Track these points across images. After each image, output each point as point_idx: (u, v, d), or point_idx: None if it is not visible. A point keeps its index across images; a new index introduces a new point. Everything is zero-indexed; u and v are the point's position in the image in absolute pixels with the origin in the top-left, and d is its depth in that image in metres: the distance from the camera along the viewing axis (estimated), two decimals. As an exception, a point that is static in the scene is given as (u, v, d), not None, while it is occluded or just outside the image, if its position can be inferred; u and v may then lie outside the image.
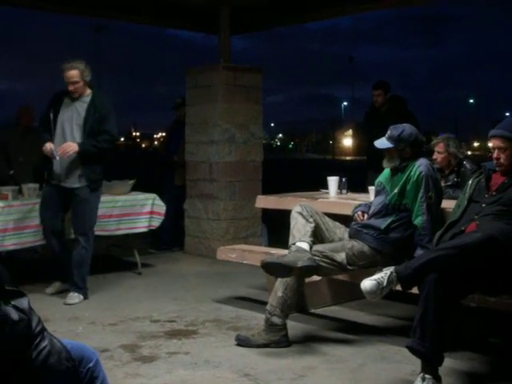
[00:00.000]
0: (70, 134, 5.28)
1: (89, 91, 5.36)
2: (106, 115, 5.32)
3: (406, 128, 4.27)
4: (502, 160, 3.70)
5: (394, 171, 4.29)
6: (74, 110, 5.31)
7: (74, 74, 5.22)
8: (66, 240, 5.55)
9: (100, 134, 5.28)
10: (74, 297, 5.27)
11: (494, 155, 3.71)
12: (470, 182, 3.89)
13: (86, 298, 5.34)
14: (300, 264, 3.91)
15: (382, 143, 4.30)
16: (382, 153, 4.40)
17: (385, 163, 4.34)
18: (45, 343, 1.90)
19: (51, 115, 5.30)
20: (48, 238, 5.44)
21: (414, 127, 4.36)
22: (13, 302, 1.85)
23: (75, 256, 5.34)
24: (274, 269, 4.01)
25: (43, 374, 1.90)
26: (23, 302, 1.88)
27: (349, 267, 4.15)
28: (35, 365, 1.88)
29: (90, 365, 2.12)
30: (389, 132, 4.29)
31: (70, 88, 5.25)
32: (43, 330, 1.93)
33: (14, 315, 1.82)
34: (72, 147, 5.18)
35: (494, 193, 3.72)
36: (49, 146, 5.20)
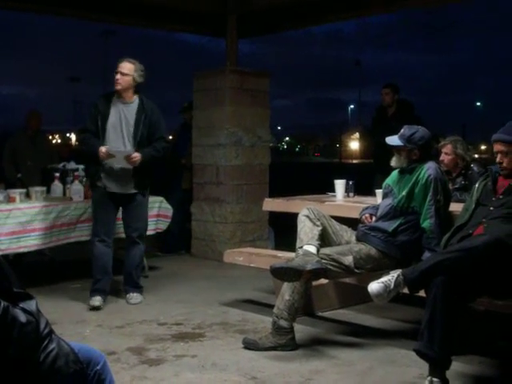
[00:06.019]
0: (121, 140, 5.20)
1: (135, 96, 5.27)
2: (157, 121, 5.29)
3: (420, 130, 4.28)
4: (504, 164, 3.72)
5: (402, 173, 4.28)
6: (123, 116, 5.21)
7: (126, 65, 5.18)
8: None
9: (156, 140, 5.27)
10: (138, 296, 5.40)
11: (497, 159, 3.73)
12: (477, 185, 3.89)
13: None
14: (309, 267, 3.89)
15: (392, 140, 4.32)
16: (388, 156, 4.41)
17: (392, 162, 4.34)
18: (52, 346, 1.90)
19: (99, 120, 5.18)
20: (94, 242, 5.33)
21: (428, 132, 4.36)
22: (21, 305, 1.85)
23: (134, 256, 5.40)
24: (283, 273, 3.98)
25: (51, 376, 1.89)
26: (31, 305, 1.88)
27: (356, 270, 4.14)
28: (43, 367, 1.88)
29: (98, 367, 2.12)
30: (402, 130, 4.31)
31: (116, 77, 5.16)
32: (51, 332, 1.93)
33: (22, 317, 1.81)
34: (138, 158, 5.11)
35: (500, 196, 3.73)
36: (104, 149, 5.08)
